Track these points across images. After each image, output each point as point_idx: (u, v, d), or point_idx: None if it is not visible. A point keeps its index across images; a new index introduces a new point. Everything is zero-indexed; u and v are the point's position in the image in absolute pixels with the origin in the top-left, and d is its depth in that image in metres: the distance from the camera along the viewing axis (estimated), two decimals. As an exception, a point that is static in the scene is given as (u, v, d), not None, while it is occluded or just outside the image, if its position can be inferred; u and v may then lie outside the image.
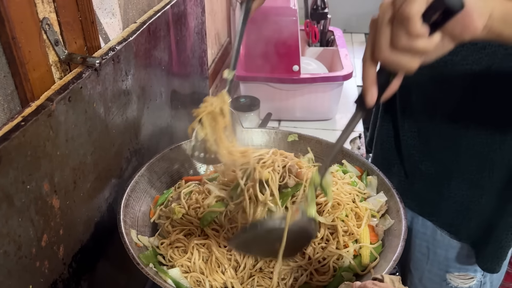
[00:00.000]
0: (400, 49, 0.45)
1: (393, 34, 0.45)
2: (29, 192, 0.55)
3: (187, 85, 1.14)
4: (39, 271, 0.60)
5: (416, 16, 0.43)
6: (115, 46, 0.75)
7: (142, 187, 0.84)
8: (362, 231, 0.76)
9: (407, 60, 0.45)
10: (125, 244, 0.69)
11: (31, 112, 0.56)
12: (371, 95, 0.49)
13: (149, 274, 0.66)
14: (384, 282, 0.56)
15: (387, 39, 0.45)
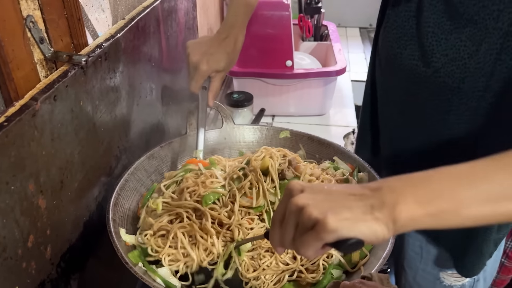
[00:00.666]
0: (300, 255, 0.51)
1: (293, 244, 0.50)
2: (13, 193, 0.55)
3: (179, 81, 1.13)
4: (26, 272, 0.59)
5: (310, 255, 0.48)
6: (102, 43, 0.74)
7: (132, 186, 0.83)
8: None
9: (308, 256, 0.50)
10: (113, 243, 0.69)
11: (14, 112, 0.55)
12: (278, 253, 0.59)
13: (137, 273, 0.66)
14: (372, 280, 0.56)
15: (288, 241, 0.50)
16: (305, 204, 0.48)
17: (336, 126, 1.52)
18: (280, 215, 0.51)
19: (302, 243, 0.48)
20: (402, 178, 0.50)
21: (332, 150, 0.94)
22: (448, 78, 0.72)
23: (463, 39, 0.68)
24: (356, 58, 2.06)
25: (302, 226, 0.48)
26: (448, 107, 0.74)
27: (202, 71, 0.86)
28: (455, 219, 0.48)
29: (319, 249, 0.48)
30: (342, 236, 0.46)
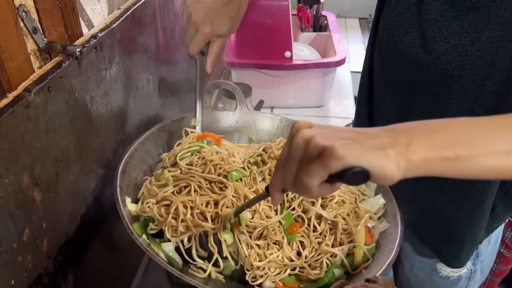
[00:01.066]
0: (301, 193, 0.49)
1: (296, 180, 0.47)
2: (7, 186, 0.54)
3: (176, 72, 1.12)
4: (22, 266, 0.58)
5: (313, 187, 0.46)
6: (97, 34, 0.73)
7: (141, 156, 0.82)
8: (358, 231, 0.75)
9: (310, 196, 0.49)
10: (120, 211, 0.68)
11: (7, 103, 0.54)
12: (274, 202, 0.54)
13: (142, 245, 0.64)
14: (377, 283, 0.56)
15: (291, 180, 0.48)
16: (313, 135, 0.46)
17: (336, 117, 1.51)
18: (284, 156, 0.49)
19: (307, 172, 0.45)
20: (418, 122, 0.49)
21: None
22: (449, 65, 0.70)
23: (465, 26, 0.67)
24: (355, 49, 2.04)
25: (308, 157, 0.46)
26: (448, 95, 0.73)
27: (205, 33, 0.81)
28: (470, 167, 0.46)
29: (323, 181, 0.45)
30: (349, 164, 0.43)
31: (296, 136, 0.48)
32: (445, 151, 0.46)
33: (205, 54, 0.86)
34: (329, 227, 0.75)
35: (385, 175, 0.45)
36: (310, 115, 1.49)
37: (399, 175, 0.46)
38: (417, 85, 0.77)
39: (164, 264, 0.64)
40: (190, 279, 0.63)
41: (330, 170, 0.44)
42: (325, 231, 0.74)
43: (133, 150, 0.80)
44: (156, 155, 0.87)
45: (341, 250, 0.72)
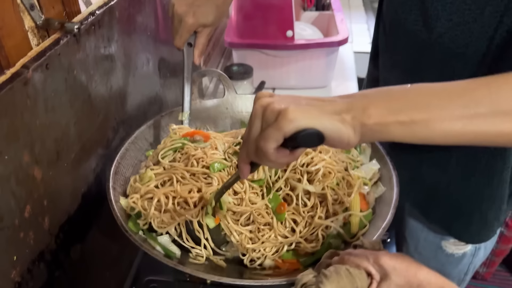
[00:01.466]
0: (265, 162, 0.49)
1: (257, 151, 0.48)
2: (7, 163, 0.54)
3: (177, 53, 1.10)
4: (24, 242, 0.59)
5: (269, 150, 0.46)
6: (95, 11, 0.72)
7: (133, 155, 0.83)
8: (352, 199, 0.75)
9: (273, 166, 0.50)
10: (113, 211, 0.69)
11: (5, 80, 0.54)
12: (243, 175, 0.53)
13: (137, 241, 0.65)
14: (364, 247, 0.56)
15: (253, 150, 0.49)
16: (270, 101, 0.47)
17: (338, 98, 1.49)
18: (247, 128, 0.50)
19: (263, 136, 0.46)
20: (377, 89, 0.49)
21: None
22: (452, 43, 0.70)
23: (468, 3, 0.66)
24: (359, 28, 2.02)
25: (265, 123, 0.47)
26: (451, 74, 0.72)
27: (188, 25, 0.79)
28: (425, 132, 0.47)
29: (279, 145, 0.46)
30: (301, 126, 0.44)
31: (255, 105, 0.49)
32: (401, 115, 0.46)
33: (192, 45, 0.84)
34: (320, 200, 0.75)
35: (340, 138, 0.46)
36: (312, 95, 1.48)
37: (355, 139, 0.46)
38: (422, 64, 0.77)
39: (159, 257, 0.65)
40: (185, 268, 0.64)
41: (284, 133, 0.45)
42: (316, 205, 0.74)
43: (124, 150, 0.80)
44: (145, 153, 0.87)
45: (336, 220, 0.73)
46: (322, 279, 0.49)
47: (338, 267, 0.50)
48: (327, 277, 0.49)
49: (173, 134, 0.84)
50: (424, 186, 0.86)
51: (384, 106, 0.46)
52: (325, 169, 0.76)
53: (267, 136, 0.46)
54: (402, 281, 0.48)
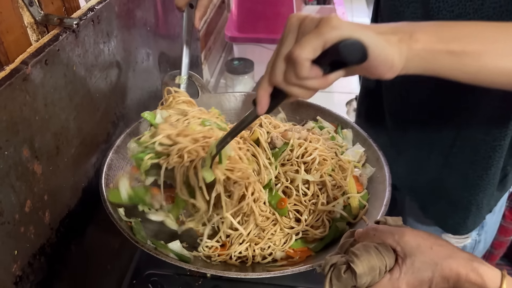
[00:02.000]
0: (292, 84, 0.43)
1: (285, 69, 0.43)
2: (7, 158, 0.54)
3: (176, 47, 1.11)
4: (24, 236, 0.60)
5: (304, 61, 0.41)
6: (94, 6, 0.72)
7: (118, 164, 0.80)
8: (348, 182, 0.77)
9: (300, 92, 0.44)
10: (117, 224, 0.69)
11: (4, 76, 0.54)
12: (261, 108, 0.47)
13: (151, 251, 0.66)
14: (387, 223, 0.56)
15: (282, 67, 0.43)
16: (308, 14, 0.43)
17: (339, 92, 1.50)
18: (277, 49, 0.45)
19: (299, 44, 0.41)
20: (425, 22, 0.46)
21: (313, 110, 0.94)
22: None
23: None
24: (360, 22, 2.00)
25: (303, 34, 0.41)
26: None
27: None
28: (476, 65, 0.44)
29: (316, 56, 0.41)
30: (345, 35, 0.40)
31: (289, 20, 0.44)
32: (452, 44, 0.43)
33: (193, 7, 0.81)
34: (319, 187, 0.77)
35: (385, 57, 0.41)
36: (312, 90, 1.48)
37: (400, 63, 0.43)
38: None
39: (179, 262, 0.66)
40: (209, 270, 0.65)
41: (325, 40, 0.40)
42: (316, 192, 0.76)
43: (109, 161, 0.78)
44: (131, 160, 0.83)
45: (337, 204, 0.75)
46: (353, 259, 0.49)
47: (367, 245, 0.50)
48: (357, 256, 0.49)
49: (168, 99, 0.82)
50: (424, 178, 0.87)
51: (433, 33, 0.43)
52: (320, 157, 0.78)
53: (305, 42, 0.40)
54: (427, 258, 0.47)
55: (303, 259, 0.72)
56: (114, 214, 0.70)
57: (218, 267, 0.72)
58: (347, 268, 0.50)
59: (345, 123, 0.89)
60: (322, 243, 0.74)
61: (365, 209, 0.75)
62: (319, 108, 0.93)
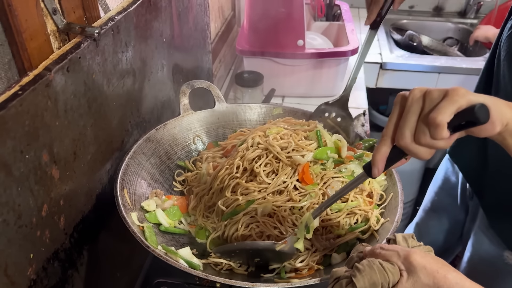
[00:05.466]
0: (421, 144, 0.50)
1: (418, 129, 0.50)
2: (28, 162, 0.55)
3: (190, 58, 1.12)
4: (40, 240, 0.60)
5: (444, 124, 0.47)
6: (114, 16, 0.74)
7: (134, 170, 0.84)
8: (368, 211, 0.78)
9: (424, 152, 0.51)
10: (130, 228, 0.71)
11: (28, 81, 0.55)
12: (378, 171, 0.54)
13: (161, 256, 0.67)
14: (396, 241, 0.56)
15: (411, 130, 0.50)
16: (428, 87, 0.50)
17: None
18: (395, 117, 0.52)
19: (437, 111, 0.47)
20: None
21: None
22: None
23: None
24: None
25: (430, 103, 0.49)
26: None
27: None
28: None
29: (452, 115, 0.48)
30: (472, 101, 0.48)
31: (412, 92, 0.51)
32: None
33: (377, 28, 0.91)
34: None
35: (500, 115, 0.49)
36: (321, 104, 1.49)
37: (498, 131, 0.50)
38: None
39: (188, 269, 0.66)
40: (218, 278, 0.66)
41: (459, 106, 0.47)
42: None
43: (125, 166, 0.81)
44: (148, 165, 0.87)
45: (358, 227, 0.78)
46: (355, 273, 0.50)
47: (371, 260, 0.51)
48: (360, 270, 0.50)
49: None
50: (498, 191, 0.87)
51: None
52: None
53: (443, 108, 0.47)
54: (431, 281, 0.47)
55: (311, 272, 0.73)
56: (127, 218, 0.70)
57: (226, 275, 0.72)
58: (349, 282, 0.51)
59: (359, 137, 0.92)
60: (329, 259, 0.74)
61: (380, 224, 0.75)
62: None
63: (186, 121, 0.97)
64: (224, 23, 1.72)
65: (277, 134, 0.83)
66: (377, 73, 1.91)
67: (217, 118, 1.01)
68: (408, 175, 2.02)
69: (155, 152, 0.91)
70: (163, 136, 0.93)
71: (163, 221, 0.79)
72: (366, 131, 1.40)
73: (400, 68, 1.89)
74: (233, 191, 0.79)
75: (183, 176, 0.92)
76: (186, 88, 0.96)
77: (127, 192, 0.79)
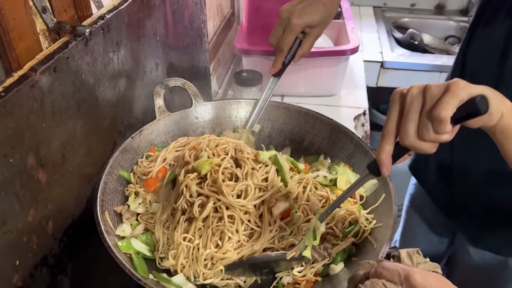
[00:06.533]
0: (426, 141, 0.50)
1: (421, 125, 0.50)
2: (12, 166, 0.53)
3: (185, 57, 1.10)
4: (27, 246, 0.59)
5: (448, 119, 0.47)
6: (105, 15, 0.72)
7: (112, 187, 0.78)
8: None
9: (428, 147, 0.51)
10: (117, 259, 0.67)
11: (12, 82, 0.53)
12: (387, 169, 0.54)
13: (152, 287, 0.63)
14: (400, 258, 0.55)
15: (414, 127, 0.50)
16: (426, 84, 0.50)
17: (347, 107, 1.48)
18: (395, 116, 0.52)
19: (440, 106, 0.47)
20: None
21: (311, 118, 0.93)
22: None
23: None
24: (369, 38, 2.01)
25: (431, 98, 0.49)
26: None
27: (293, 26, 0.76)
28: None
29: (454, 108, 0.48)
30: (473, 92, 0.48)
31: (411, 89, 0.51)
32: None
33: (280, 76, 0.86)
34: None
35: (497, 108, 0.51)
36: (320, 103, 1.47)
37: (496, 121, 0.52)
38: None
39: None
40: None
41: (461, 99, 0.47)
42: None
43: (103, 184, 0.74)
44: (126, 180, 0.82)
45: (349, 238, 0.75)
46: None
47: (374, 281, 0.49)
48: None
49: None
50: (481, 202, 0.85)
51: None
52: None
53: (446, 103, 0.47)
54: None
55: (310, 285, 0.71)
56: (113, 248, 0.67)
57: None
58: None
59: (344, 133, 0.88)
60: (327, 268, 0.73)
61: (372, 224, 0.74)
62: (335, 125, 0.91)
63: (163, 124, 0.91)
64: (223, 21, 1.70)
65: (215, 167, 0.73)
66: (378, 72, 1.89)
67: (196, 118, 0.96)
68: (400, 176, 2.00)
69: (133, 163, 0.85)
70: (140, 144, 0.86)
71: (143, 250, 0.73)
72: (366, 131, 1.38)
73: (401, 67, 1.86)
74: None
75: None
76: (160, 88, 0.90)
77: (108, 215, 0.74)
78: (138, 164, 0.85)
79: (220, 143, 0.77)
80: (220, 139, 0.79)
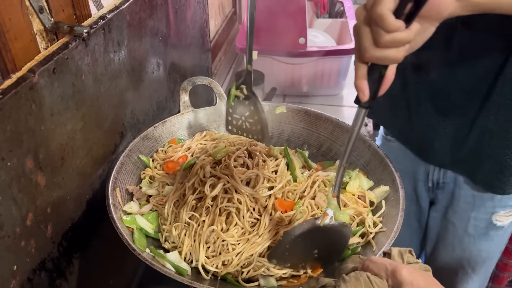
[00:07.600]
0: (383, 45, 0.48)
1: (372, 33, 0.49)
2: (10, 169, 0.52)
3: (187, 57, 1.09)
4: (25, 250, 0.57)
5: (387, 13, 0.46)
6: (106, 15, 0.70)
7: (128, 168, 0.82)
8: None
9: (393, 53, 0.49)
10: (118, 229, 0.68)
11: (10, 84, 0.52)
12: (362, 92, 0.52)
13: (147, 260, 0.64)
14: (391, 255, 0.55)
15: (369, 39, 0.49)
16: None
17: (350, 107, 1.47)
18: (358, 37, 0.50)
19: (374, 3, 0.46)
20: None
21: (331, 125, 0.92)
22: None
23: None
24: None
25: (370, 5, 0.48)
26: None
27: None
28: None
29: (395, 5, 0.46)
30: None
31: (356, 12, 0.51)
32: None
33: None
34: None
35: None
36: (323, 103, 1.46)
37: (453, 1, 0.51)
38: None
39: (172, 275, 0.64)
40: (203, 286, 0.63)
41: None
42: None
43: (119, 164, 0.78)
44: (143, 164, 0.85)
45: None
46: (340, 283, 0.51)
47: (359, 273, 0.51)
48: (345, 281, 0.50)
49: None
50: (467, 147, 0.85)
51: None
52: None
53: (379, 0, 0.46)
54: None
55: (304, 281, 0.70)
56: (116, 219, 0.69)
57: (212, 283, 0.69)
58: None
59: (362, 140, 0.86)
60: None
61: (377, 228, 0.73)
62: (338, 123, 0.91)
63: (186, 118, 0.94)
64: (225, 20, 1.68)
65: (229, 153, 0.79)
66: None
67: (219, 116, 0.98)
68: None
69: (152, 150, 0.88)
70: (161, 134, 0.91)
71: (146, 227, 0.75)
72: (369, 131, 1.37)
73: (404, 66, 1.85)
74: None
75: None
76: (187, 84, 0.93)
77: (119, 192, 0.76)
78: (158, 152, 0.89)
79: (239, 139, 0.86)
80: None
